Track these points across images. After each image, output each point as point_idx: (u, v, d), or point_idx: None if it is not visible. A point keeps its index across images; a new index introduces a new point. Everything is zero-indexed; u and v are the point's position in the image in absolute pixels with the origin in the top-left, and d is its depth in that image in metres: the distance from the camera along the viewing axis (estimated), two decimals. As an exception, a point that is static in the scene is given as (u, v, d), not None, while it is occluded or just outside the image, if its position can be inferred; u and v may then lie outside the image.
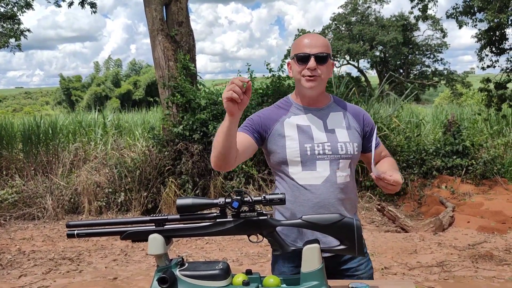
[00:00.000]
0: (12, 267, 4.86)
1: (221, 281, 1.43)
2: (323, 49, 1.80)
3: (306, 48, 1.79)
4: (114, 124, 10.45)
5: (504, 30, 10.33)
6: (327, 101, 1.94)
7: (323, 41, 1.83)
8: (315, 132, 1.84)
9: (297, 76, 1.84)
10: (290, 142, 1.82)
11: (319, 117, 1.88)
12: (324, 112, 1.90)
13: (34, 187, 7.30)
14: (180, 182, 6.93)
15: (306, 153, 1.80)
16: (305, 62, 1.79)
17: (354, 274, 1.85)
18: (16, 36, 11.62)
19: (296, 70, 1.83)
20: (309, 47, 1.79)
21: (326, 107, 1.92)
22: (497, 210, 6.19)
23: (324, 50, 1.80)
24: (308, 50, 1.79)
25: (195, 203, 1.47)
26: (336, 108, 1.93)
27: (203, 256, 5.09)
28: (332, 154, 1.80)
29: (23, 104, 56.57)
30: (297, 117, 1.87)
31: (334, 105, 1.94)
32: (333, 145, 1.82)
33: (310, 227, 1.51)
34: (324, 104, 1.92)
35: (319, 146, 1.81)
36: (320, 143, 1.81)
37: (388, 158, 2.04)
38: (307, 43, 1.80)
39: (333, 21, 35.23)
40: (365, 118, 1.96)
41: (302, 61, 1.80)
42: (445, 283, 4.03)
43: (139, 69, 46.59)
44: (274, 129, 1.85)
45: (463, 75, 32.04)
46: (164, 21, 7.46)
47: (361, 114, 1.96)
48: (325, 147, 1.81)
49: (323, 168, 1.79)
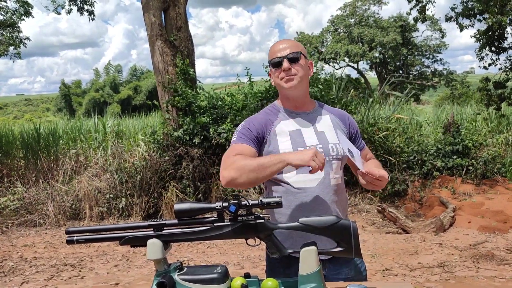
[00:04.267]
0: (14, 274, 4.86)
1: (219, 285, 1.44)
2: (293, 49, 1.85)
3: (277, 53, 1.86)
4: (114, 130, 10.46)
5: (503, 29, 10.34)
6: (313, 105, 1.99)
7: (292, 43, 1.89)
8: (306, 135, 1.87)
9: (276, 81, 1.90)
10: (283, 146, 1.83)
11: (308, 120, 1.92)
12: (312, 116, 1.94)
13: (35, 193, 7.31)
14: (181, 187, 6.94)
15: None
16: (279, 66, 1.85)
17: (349, 277, 1.87)
18: (16, 44, 11.66)
19: (274, 75, 1.89)
20: (280, 51, 1.86)
21: (313, 111, 1.97)
22: (498, 210, 6.19)
23: (294, 50, 1.85)
24: (280, 54, 1.85)
25: (193, 207, 1.48)
26: (322, 111, 1.99)
27: (204, 260, 5.10)
28: (324, 156, 1.81)
29: (24, 111, 56.69)
30: (287, 122, 1.90)
31: (320, 109, 2.00)
32: (325, 146, 1.85)
33: (307, 230, 1.52)
34: (311, 108, 1.97)
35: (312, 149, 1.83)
36: (312, 145, 1.84)
37: (373, 160, 2.08)
38: (277, 49, 1.87)
39: (332, 24, 35.27)
40: (350, 120, 2.02)
41: (277, 66, 1.86)
42: (446, 284, 4.03)
43: (140, 75, 46.65)
44: (268, 134, 1.87)
45: (462, 75, 32.07)
46: (162, 26, 7.49)
47: (346, 116, 2.03)
48: (317, 149, 1.82)
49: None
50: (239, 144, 1.82)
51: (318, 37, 35.38)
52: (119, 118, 15.87)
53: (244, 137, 1.84)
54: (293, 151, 1.81)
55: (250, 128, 1.87)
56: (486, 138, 8.90)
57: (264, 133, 1.86)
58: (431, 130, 10.06)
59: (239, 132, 1.87)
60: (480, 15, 10.58)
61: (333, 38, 34.72)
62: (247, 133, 1.86)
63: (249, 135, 1.85)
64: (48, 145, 8.75)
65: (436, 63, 34.01)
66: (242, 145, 1.81)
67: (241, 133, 1.86)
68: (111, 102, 40.01)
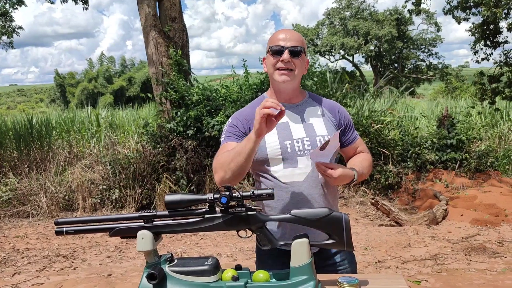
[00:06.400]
0: (6, 265, 4.84)
1: (210, 277, 1.43)
2: (297, 43, 1.81)
3: (281, 42, 1.81)
4: (107, 121, 10.40)
5: (498, 23, 10.34)
6: (303, 97, 1.95)
7: (298, 36, 1.85)
8: (294, 128, 1.84)
9: (270, 69, 1.85)
10: (270, 140, 1.81)
11: (296, 112, 1.89)
12: (300, 108, 1.91)
13: (28, 184, 7.27)
14: (174, 178, 6.93)
15: (286, 150, 1.80)
16: (279, 54, 1.80)
17: (338, 269, 1.87)
18: (8, 33, 11.53)
19: (270, 62, 1.84)
20: (284, 41, 1.81)
21: (302, 102, 1.93)
22: (490, 203, 6.23)
23: (298, 44, 1.81)
24: (283, 43, 1.80)
25: (184, 199, 1.46)
26: (312, 103, 1.94)
27: (197, 252, 5.10)
28: (312, 149, 1.80)
29: (18, 102, 56.30)
30: None
31: (310, 100, 1.95)
32: (312, 139, 1.82)
33: (299, 222, 1.51)
34: (300, 99, 1.93)
35: (299, 142, 1.81)
36: (299, 138, 1.82)
37: (362, 154, 2.03)
38: (282, 37, 1.82)
39: (327, 16, 35.19)
40: (340, 112, 1.97)
41: (277, 54, 1.81)
42: (438, 276, 4.06)
43: (131, 67, 46.40)
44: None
45: (457, 69, 32.15)
46: (157, 17, 7.42)
47: (336, 108, 1.98)
48: (304, 142, 1.81)
49: (305, 164, 1.80)
50: (226, 143, 1.82)
51: (314, 29, 35.32)
52: (112, 109, 15.77)
53: (230, 135, 1.85)
54: (280, 144, 1.79)
55: (236, 124, 1.86)
56: (480, 132, 8.94)
57: (250, 127, 1.83)
58: (426, 123, 10.09)
59: (226, 131, 1.87)
60: (476, 8, 10.57)
61: (328, 30, 34.68)
62: (233, 130, 1.85)
63: (235, 131, 1.85)
64: (41, 136, 8.68)
65: (431, 56, 34.09)
66: (230, 143, 1.81)
67: (228, 132, 1.86)
68: (105, 93, 39.74)
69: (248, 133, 1.83)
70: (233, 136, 1.84)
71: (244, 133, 1.83)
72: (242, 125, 1.85)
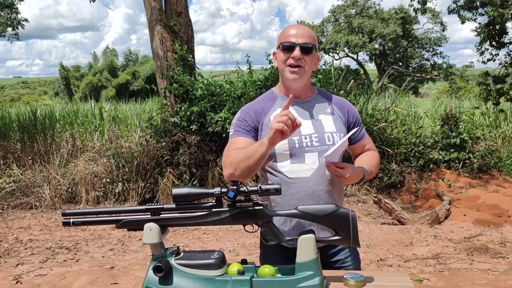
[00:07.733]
0: (9, 255, 4.87)
1: (216, 270, 1.44)
2: (309, 39, 1.80)
3: (292, 38, 1.79)
4: (111, 114, 10.41)
5: (504, 24, 10.28)
6: (312, 93, 1.94)
7: (309, 33, 1.83)
8: (302, 124, 1.82)
9: (281, 66, 1.84)
10: None
11: (305, 109, 1.88)
12: (309, 104, 1.89)
13: (31, 176, 7.30)
14: (177, 173, 6.94)
15: (294, 146, 1.79)
16: (290, 51, 1.79)
17: (342, 266, 1.87)
18: (14, 25, 11.54)
19: (281, 59, 1.83)
20: (295, 37, 1.79)
21: (311, 98, 1.92)
22: (493, 204, 6.21)
23: (310, 41, 1.80)
24: (294, 40, 1.79)
25: (191, 192, 1.47)
26: (321, 99, 1.93)
27: (200, 246, 5.11)
28: (320, 145, 1.80)
29: (22, 94, 56.36)
30: None
31: (319, 97, 1.94)
32: (320, 136, 1.82)
33: (305, 218, 1.51)
34: (309, 96, 1.92)
35: (307, 138, 1.81)
36: (307, 134, 1.81)
37: (370, 151, 2.03)
38: (293, 33, 1.80)
39: (332, 13, 35.09)
40: (349, 109, 1.96)
41: (288, 50, 1.79)
42: (440, 275, 4.06)
43: (135, 60, 46.38)
44: (263, 123, 1.84)
45: (462, 69, 32.02)
46: (162, 11, 7.42)
47: (345, 105, 1.97)
48: (313, 139, 1.81)
49: (312, 160, 1.79)
50: (235, 138, 1.82)
51: (319, 26, 35.21)
52: (116, 102, 15.76)
53: (239, 130, 1.84)
54: (288, 139, 1.78)
55: (245, 118, 1.86)
56: (484, 132, 8.91)
57: (258, 121, 1.84)
58: (429, 123, 10.06)
59: (234, 125, 1.87)
60: (482, 7, 10.50)
61: (333, 28, 34.56)
62: (242, 124, 1.85)
63: (244, 126, 1.84)
64: (45, 128, 8.71)
65: (436, 56, 33.95)
66: (238, 138, 1.81)
67: (236, 126, 1.86)
68: (108, 87, 39.78)
69: (257, 127, 1.83)
70: (242, 131, 1.83)
71: (254, 127, 1.83)
72: (252, 119, 1.85)
